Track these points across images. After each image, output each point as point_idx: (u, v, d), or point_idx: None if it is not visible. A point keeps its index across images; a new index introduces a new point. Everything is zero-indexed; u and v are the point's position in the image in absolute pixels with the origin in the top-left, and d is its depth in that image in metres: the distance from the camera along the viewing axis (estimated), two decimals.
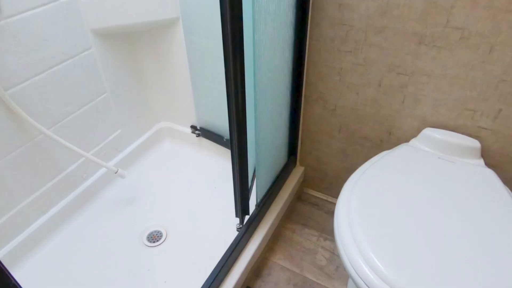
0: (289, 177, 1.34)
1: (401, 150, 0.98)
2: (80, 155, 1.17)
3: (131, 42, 1.31)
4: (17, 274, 1.10)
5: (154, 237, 1.22)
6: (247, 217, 1.13)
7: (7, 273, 0.43)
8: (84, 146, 1.27)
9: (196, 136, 1.50)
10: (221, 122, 1.41)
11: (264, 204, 1.19)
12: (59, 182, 1.21)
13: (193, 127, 1.51)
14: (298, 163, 1.39)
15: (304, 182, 1.44)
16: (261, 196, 1.17)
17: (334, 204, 1.41)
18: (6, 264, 1.08)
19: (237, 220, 1.12)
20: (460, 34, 0.86)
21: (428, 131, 1.00)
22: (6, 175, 1.04)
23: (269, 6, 0.82)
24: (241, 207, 1.09)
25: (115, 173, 1.25)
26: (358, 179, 0.90)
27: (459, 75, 0.91)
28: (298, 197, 1.44)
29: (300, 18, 1.00)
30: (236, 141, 0.90)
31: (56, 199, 1.22)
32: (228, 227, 1.21)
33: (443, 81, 0.94)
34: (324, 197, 1.43)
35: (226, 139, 1.41)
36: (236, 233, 1.11)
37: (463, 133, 0.99)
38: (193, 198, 1.35)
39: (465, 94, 0.93)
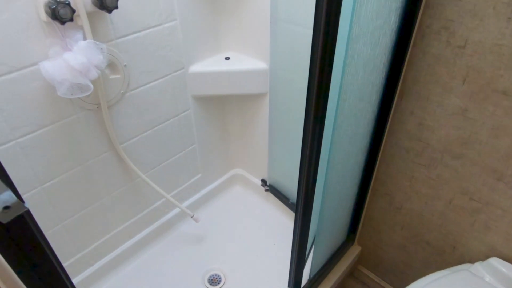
0: (345, 254, 1.39)
1: (462, 276, 0.97)
2: (164, 196, 1.37)
3: (222, 104, 1.48)
4: None
5: (214, 280, 1.37)
6: None
7: None
8: (171, 186, 1.47)
9: (265, 190, 1.62)
10: (289, 186, 1.51)
11: (317, 279, 1.25)
12: (146, 214, 1.43)
13: (263, 181, 1.63)
14: (356, 241, 1.43)
15: (359, 260, 1.47)
16: (315, 271, 1.24)
17: None
18: (87, 283, 1.32)
19: None
20: None
21: (495, 262, 0.98)
22: (109, 207, 1.27)
23: (348, 129, 0.89)
24: (294, 279, 1.17)
25: (191, 217, 1.43)
26: None
27: None
28: (351, 273, 1.47)
29: (377, 128, 1.05)
30: (301, 219, 0.98)
31: (141, 228, 1.44)
32: None
33: None
34: (377, 279, 1.44)
35: (292, 202, 1.50)
36: None
37: None
38: (252, 249, 1.47)
39: None
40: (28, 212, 0.41)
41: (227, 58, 1.32)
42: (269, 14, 1.15)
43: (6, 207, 0.36)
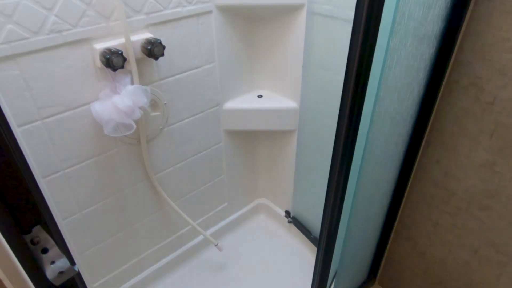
0: None
1: None
2: (191, 224, 1.43)
3: (252, 138, 1.54)
4: None
5: None
6: None
7: None
8: (198, 214, 1.53)
9: (288, 222, 1.65)
10: (312, 219, 1.53)
11: None
12: (173, 240, 1.49)
13: (287, 213, 1.66)
14: (377, 282, 1.42)
15: None
16: None
17: None
18: None
19: None
20: None
21: None
22: (140, 232, 1.34)
23: (373, 175, 0.92)
24: None
25: (215, 245, 1.48)
26: None
27: None
28: None
29: (402, 173, 1.07)
30: (322, 255, 1.00)
31: (167, 253, 1.50)
32: None
33: None
34: None
35: (314, 236, 1.52)
36: None
37: None
38: (272, 280, 1.49)
39: None
40: (78, 273, 0.48)
41: (260, 96, 1.39)
42: (302, 58, 1.21)
43: (61, 272, 0.43)
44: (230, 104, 1.35)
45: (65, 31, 0.88)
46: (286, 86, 1.34)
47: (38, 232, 0.42)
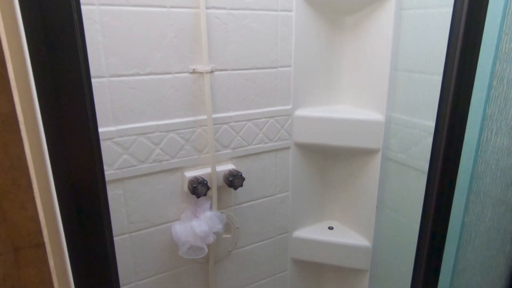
0: None
1: None
2: None
3: (320, 272, 1.47)
4: None
5: None
6: None
7: None
8: None
9: None
10: None
11: None
12: None
13: None
14: None
15: None
16: None
17: None
18: None
19: None
20: None
21: None
22: None
23: None
24: None
25: None
26: None
27: None
28: None
29: None
30: None
31: None
32: None
33: None
34: None
35: None
36: None
37: None
38: None
39: None
40: None
41: (331, 228, 1.37)
42: (375, 198, 1.20)
43: None
44: (299, 233, 1.35)
45: (164, 161, 1.04)
46: (359, 222, 1.31)
47: None
